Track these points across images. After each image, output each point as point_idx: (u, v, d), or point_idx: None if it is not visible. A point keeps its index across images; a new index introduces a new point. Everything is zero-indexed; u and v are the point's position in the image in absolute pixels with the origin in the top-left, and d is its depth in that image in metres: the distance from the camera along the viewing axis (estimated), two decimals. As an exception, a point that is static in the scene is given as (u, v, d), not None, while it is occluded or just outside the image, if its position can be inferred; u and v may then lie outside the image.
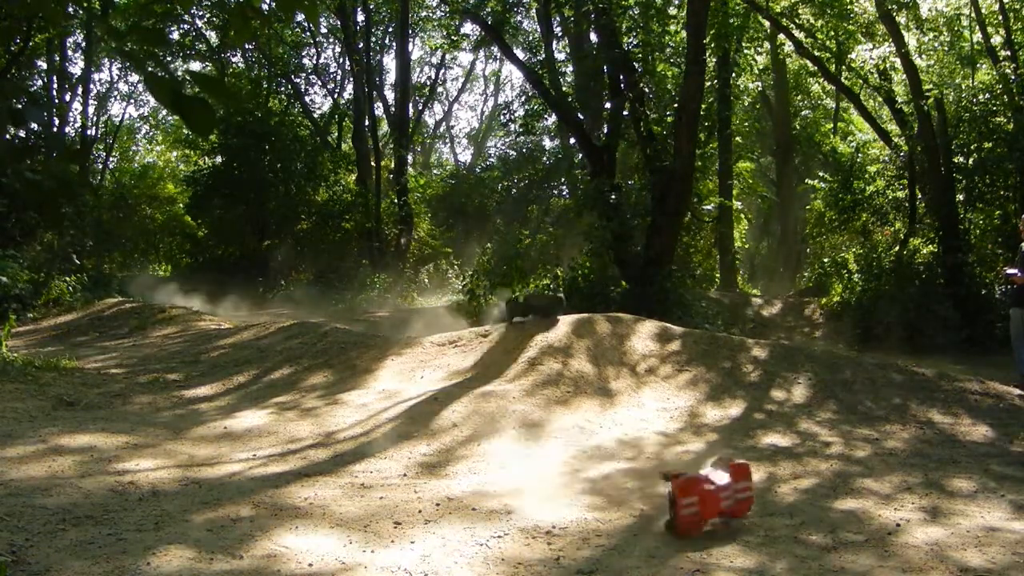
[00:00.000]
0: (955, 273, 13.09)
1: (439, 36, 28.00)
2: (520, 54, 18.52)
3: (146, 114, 32.14)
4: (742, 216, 24.19)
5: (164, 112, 30.98)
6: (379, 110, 26.23)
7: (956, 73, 17.00)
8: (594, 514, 4.70)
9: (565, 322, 8.92)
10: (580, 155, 17.89)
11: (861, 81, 16.72)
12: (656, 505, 4.92)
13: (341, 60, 27.57)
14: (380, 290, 20.62)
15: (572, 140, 19.29)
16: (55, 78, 23.46)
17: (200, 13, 23.43)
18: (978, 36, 15.38)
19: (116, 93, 28.92)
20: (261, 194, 22.19)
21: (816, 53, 15.73)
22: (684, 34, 14.56)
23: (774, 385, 7.93)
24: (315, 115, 27.46)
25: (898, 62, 14.59)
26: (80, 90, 24.68)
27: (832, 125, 25.36)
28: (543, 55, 16.74)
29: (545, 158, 22.84)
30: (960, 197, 14.00)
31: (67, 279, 16.43)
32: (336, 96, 27.85)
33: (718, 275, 21.63)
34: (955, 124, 14.29)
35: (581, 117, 15.85)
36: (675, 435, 6.73)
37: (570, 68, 19.04)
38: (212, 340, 10.69)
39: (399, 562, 3.88)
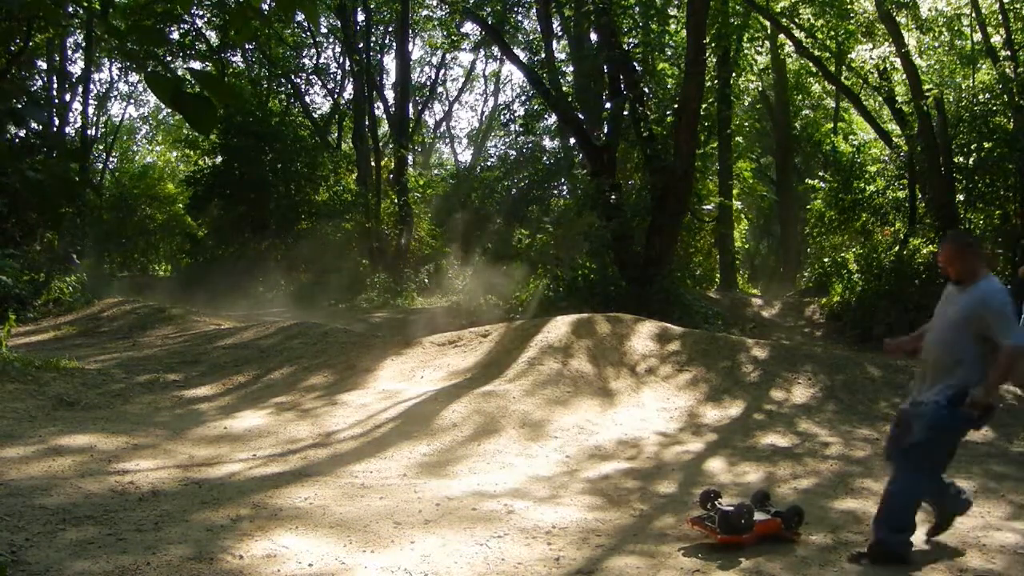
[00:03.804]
0: (955, 273, 13.07)
1: (439, 36, 28.01)
2: (520, 54, 18.49)
3: (146, 114, 32.21)
4: (742, 216, 24.18)
5: (165, 111, 31.04)
6: (379, 110, 26.21)
7: (956, 73, 16.97)
8: (594, 514, 4.70)
9: (565, 322, 8.92)
10: (580, 155, 17.87)
11: (861, 81, 16.71)
12: (656, 505, 4.92)
13: (341, 60, 27.56)
14: (380, 290, 20.62)
15: (572, 140, 19.26)
16: (55, 78, 23.46)
17: (200, 13, 23.42)
18: (978, 36, 15.35)
19: (116, 93, 28.99)
20: (261, 194, 22.18)
21: (816, 53, 15.72)
22: (684, 34, 14.56)
23: (774, 385, 7.93)
24: (315, 115, 27.44)
25: (898, 62, 14.57)
26: (80, 90, 24.69)
27: (832, 125, 25.35)
28: (543, 55, 16.72)
29: (545, 158, 22.78)
30: (960, 197, 14.00)
31: (67, 279, 16.41)
32: (336, 96, 27.84)
33: (718, 275, 21.62)
34: (955, 124, 14.28)
35: (581, 117, 15.84)
36: (675, 435, 6.73)
37: (570, 68, 19.02)
38: (212, 340, 10.68)
39: (399, 562, 3.87)
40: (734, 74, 18.39)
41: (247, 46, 24.64)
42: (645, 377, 8.09)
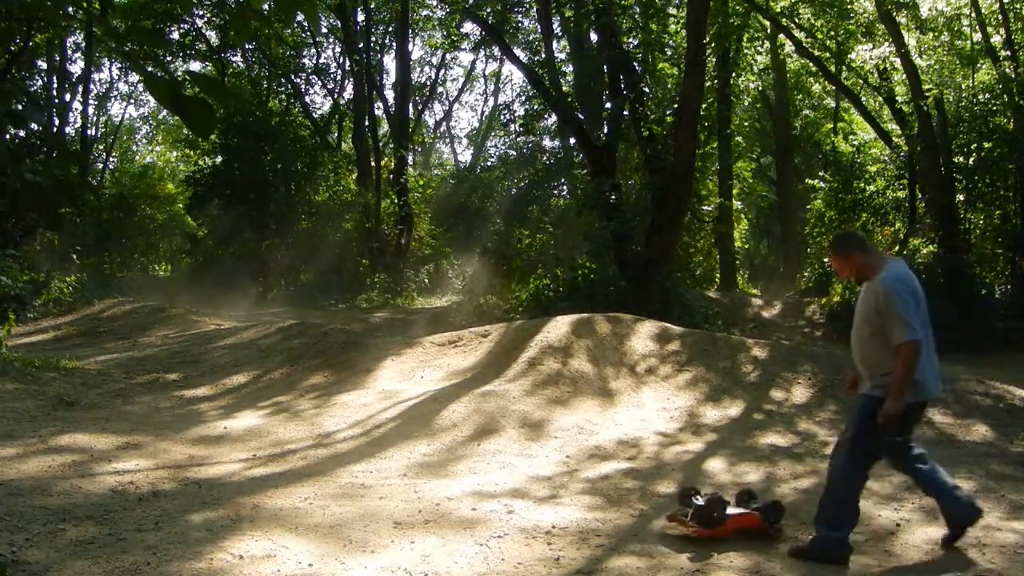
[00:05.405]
0: (955, 273, 13.10)
1: (439, 36, 28.00)
2: (520, 54, 18.50)
3: (146, 114, 32.17)
4: (742, 216, 24.18)
5: (165, 111, 31.02)
6: (379, 110, 26.22)
7: (956, 73, 16.98)
8: (594, 514, 4.70)
9: (565, 322, 8.92)
10: (580, 155, 17.87)
11: (861, 81, 16.71)
12: (656, 505, 4.92)
13: (341, 60, 27.58)
14: (380, 290, 20.63)
15: (572, 140, 19.26)
16: (55, 78, 23.47)
17: (200, 13, 23.42)
18: (978, 36, 15.36)
19: (116, 93, 29.01)
20: (261, 194, 22.18)
21: (816, 53, 15.73)
22: (684, 34, 14.56)
23: (774, 385, 7.93)
24: (315, 115, 27.45)
25: (898, 62, 14.58)
26: (80, 90, 24.69)
27: (832, 125, 25.36)
28: (543, 55, 16.73)
29: (545, 158, 22.78)
30: (960, 197, 14.00)
31: (67, 279, 16.42)
32: (336, 96, 27.86)
33: (718, 275, 21.62)
34: (955, 124, 14.28)
35: (581, 117, 15.84)
36: (675, 435, 6.73)
37: (570, 68, 19.02)
38: (212, 340, 10.68)
39: (399, 562, 3.87)
40: (734, 74, 18.39)
41: (247, 46, 24.62)
42: (645, 377, 8.09)
